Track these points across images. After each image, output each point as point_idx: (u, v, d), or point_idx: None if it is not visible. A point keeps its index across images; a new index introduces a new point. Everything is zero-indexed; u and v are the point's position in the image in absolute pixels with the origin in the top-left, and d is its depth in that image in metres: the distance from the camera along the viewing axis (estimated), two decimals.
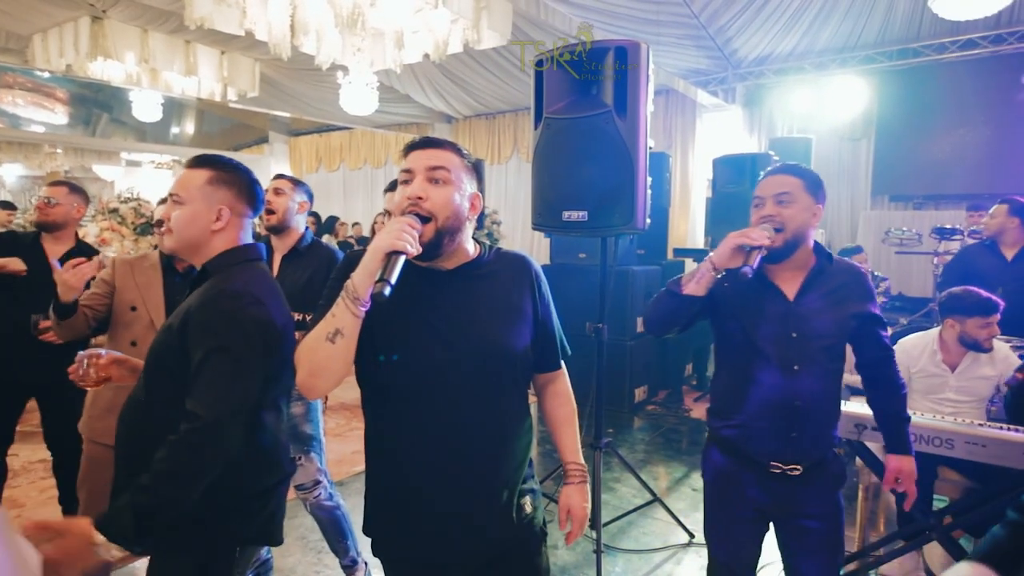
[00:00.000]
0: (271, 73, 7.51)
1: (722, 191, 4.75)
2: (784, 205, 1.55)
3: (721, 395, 1.70)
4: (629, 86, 2.21)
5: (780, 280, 1.60)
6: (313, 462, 2.25)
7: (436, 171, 1.16)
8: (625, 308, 4.58)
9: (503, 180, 9.14)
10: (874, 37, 6.06)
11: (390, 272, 1.04)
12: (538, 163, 2.42)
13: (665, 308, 1.63)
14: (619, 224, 2.25)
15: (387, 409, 1.22)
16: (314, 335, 1.11)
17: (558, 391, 1.45)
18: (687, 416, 4.80)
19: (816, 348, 1.55)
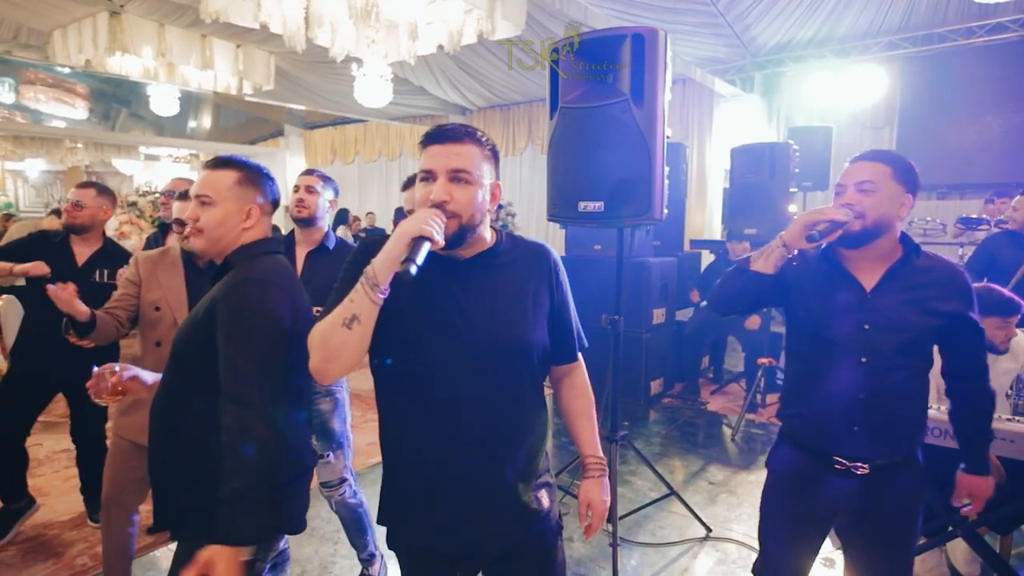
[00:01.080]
0: (286, 66, 7.53)
1: (740, 181, 4.67)
2: (866, 194, 1.47)
3: (789, 383, 1.67)
4: (647, 74, 2.17)
5: (858, 270, 1.53)
6: (340, 459, 2.26)
7: (458, 173, 1.14)
8: (641, 300, 4.54)
9: (518, 172, 9.11)
10: (898, 22, 5.91)
11: (416, 254, 1.03)
12: (553, 153, 2.39)
13: (732, 285, 1.59)
14: (636, 215, 2.22)
15: (402, 399, 1.21)
16: (330, 320, 1.11)
17: (575, 383, 1.43)
18: (704, 409, 4.76)
19: (889, 343, 1.47)
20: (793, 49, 6.55)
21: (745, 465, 3.73)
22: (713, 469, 3.66)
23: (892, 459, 1.50)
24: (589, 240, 4.72)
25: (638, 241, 4.58)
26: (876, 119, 6.67)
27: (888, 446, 1.50)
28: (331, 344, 1.10)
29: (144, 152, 12.32)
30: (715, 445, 4.09)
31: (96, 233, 2.66)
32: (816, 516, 1.58)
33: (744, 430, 4.29)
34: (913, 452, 1.54)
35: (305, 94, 8.72)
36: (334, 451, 2.24)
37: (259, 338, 1.24)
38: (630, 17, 5.58)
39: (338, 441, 2.25)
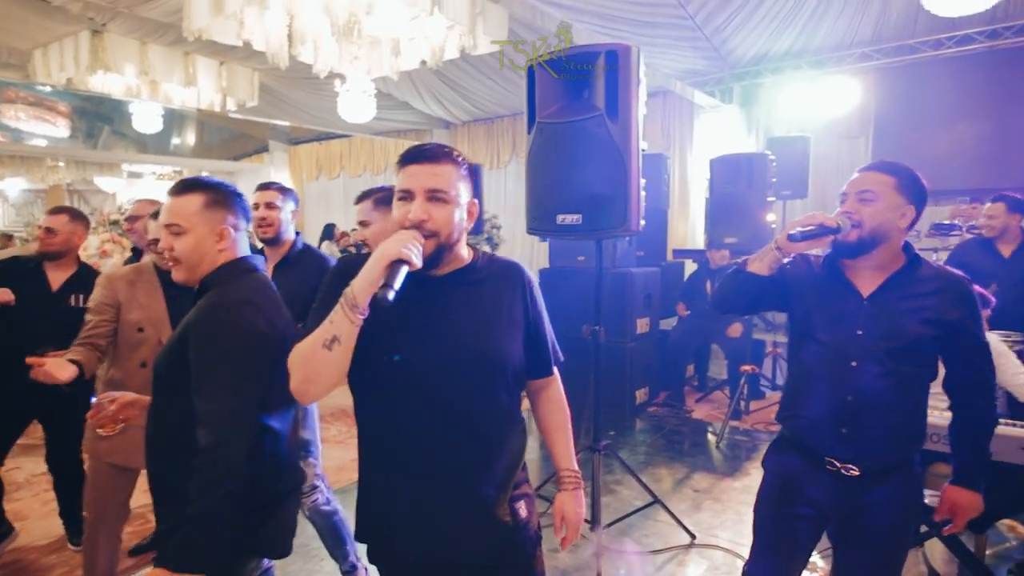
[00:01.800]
0: (270, 82, 7.55)
1: (719, 191, 4.76)
2: (865, 203, 1.50)
3: (788, 386, 1.71)
4: (620, 89, 2.23)
5: (858, 278, 1.57)
6: (311, 467, 2.27)
7: (436, 193, 1.17)
8: (625, 310, 4.58)
9: (502, 184, 9.16)
10: (870, 34, 6.06)
11: (393, 278, 1.06)
12: (532, 167, 2.44)
13: (731, 285, 1.64)
14: (613, 227, 2.26)
15: (378, 414, 1.23)
16: (309, 342, 1.12)
17: (551, 397, 1.46)
18: (689, 417, 4.80)
19: (882, 348, 1.49)
20: (770, 61, 6.68)
21: (730, 472, 3.77)
22: (698, 477, 3.69)
23: (883, 463, 1.52)
24: (572, 252, 4.78)
25: (621, 252, 4.64)
26: (852, 129, 6.79)
27: (876, 450, 1.52)
28: (311, 365, 1.11)
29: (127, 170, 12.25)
30: (700, 453, 4.13)
31: (70, 258, 2.64)
32: (808, 517, 1.60)
33: (729, 437, 4.33)
34: (907, 458, 1.55)
35: (289, 110, 8.74)
36: (303, 459, 2.25)
37: (229, 363, 1.23)
38: (610, 31, 5.68)
39: (307, 449, 2.26)
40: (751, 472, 3.74)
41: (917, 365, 1.52)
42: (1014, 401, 2.46)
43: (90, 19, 5.68)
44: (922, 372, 1.54)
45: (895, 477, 1.53)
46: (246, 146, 12.36)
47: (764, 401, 5.03)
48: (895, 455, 1.53)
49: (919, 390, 1.55)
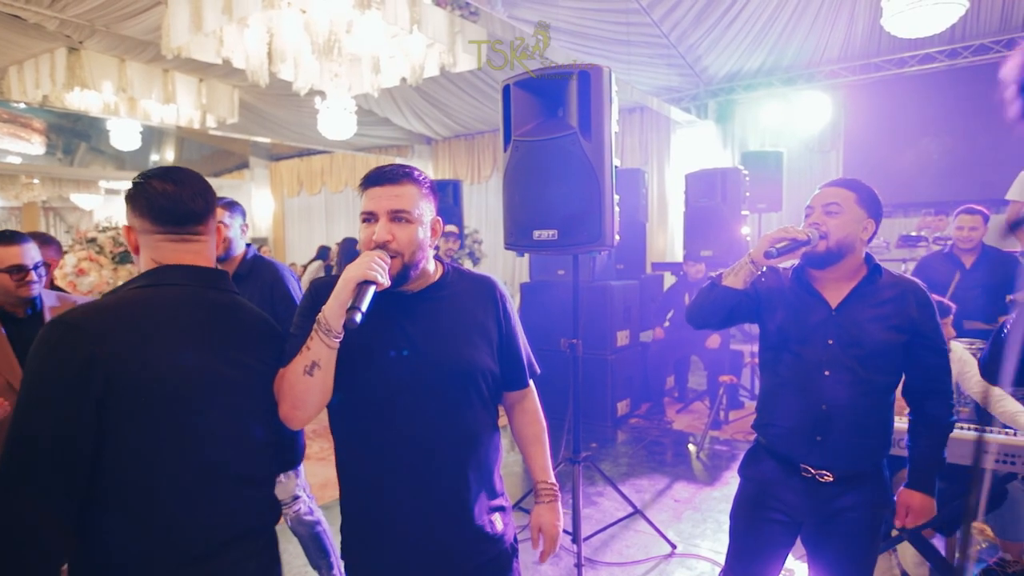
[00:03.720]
0: (250, 99, 7.56)
1: (694, 205, 4.85)
2: (831, 215, 1.57)
3: (762, 395, 1.76)
4: (593, 108, 2.29)
5: (825, 289, 1.63)
6: (291, 478, 2.27)
7: (399, 213, 1.20)
8: (604, 323, 4.63)
9: (484, 199, 9.22)
10: (837, 52, 6.26)
11: (361, 300, 1.08)
12: (508, 184, 2.48)
13: (706, 299, 1.68)
14: (588, 242, 2.31)
15: (354, 431, 1.25)
16: (292, 369, 1.15)
17: (526, 409, 1.48)
18: (669, 428, 4.84)
19: (852, 356, 1.55)
20: (743, 78, 6.85)
21: (710, 482, 3.81)
22: (679, 487, 3.73)
23: (855, 469, 1.58)
24: (552, 266, 4.83)
25: (600, 265, 4.70)
26: (824, 144, 6.97)
27: (849, 456, 1.57)
28: (296, 392, 1.14)
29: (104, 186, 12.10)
30: (681, 463, 4.17)
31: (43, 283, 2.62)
32: (783, 522, 1.65)
33: (709, 447, 4.38)
34: (877, 463, 1.61)
35: (270, 126, 8.74)
36: (284, 472, 2.25)
37: (21, 395, 0.98)
38: (586, 49, 5.80)
39: None
40: (731, 481, 3.78)
41: (886, 372, 1.58)
42: (981, 408, 2.53)
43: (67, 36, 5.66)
44: (890, 380, 1.60)
45: (866, 482, 1.59)
46: (226, 163, 12.30)
47: (743, 411, 5.10)
48: (866, 461, 1.59)
49: (887, 397, 1.61)
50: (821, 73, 6.49)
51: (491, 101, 7.41)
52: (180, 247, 1.13)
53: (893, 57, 6.19)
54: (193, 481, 1.04)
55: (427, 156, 9.79)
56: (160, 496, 1.01)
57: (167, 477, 1.01)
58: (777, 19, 5.70)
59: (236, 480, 1.10)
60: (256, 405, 1.15)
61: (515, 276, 8.50)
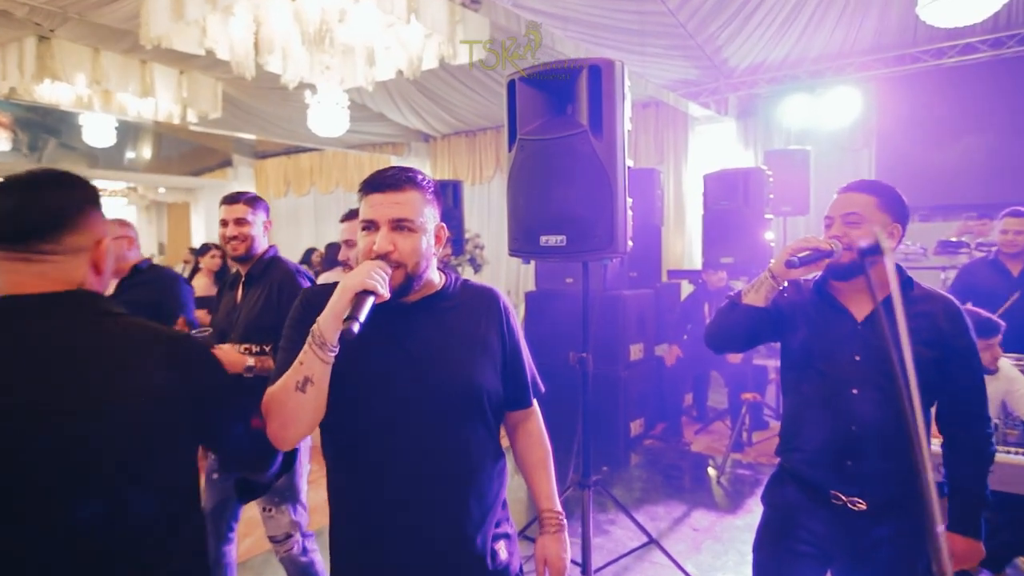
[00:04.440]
0: (234, 93, 7.62)
1: (714, 208, 4.88)
2: (852, 225, 1.58)
3: (785, 418, 1.76)
4: (604, 105, 2.31)
5: (850, 302, 1.64)
6: (285, 514, 2.28)
7: (401, 222, 1.22)
8: (617, 336, 4.64)
9: (485, 200, 9.26)
10: (869, 43, 6.28)
11: (358, 310, 1.09)
12: (513, 186, 2.51)
13: (726, 321, 1.69)
14: (599, 248, 2.33)
15: (348, 451, 1.27)
16: (281, 385, 1.16)
17: (530, 430, 1.49)
18: (687, 450, 4.84)
19: (881, 372, 1.56)
20: (767, 70, 6.89)
21: (732, 509, 3.81)
22: (697, 515, 3.73)
23: (890, 496, 1.57)
24: (560, 274, 4.85)
25: (612, 273, 4.72)
26: (854, 141, 6.98)
27: (884, 482, 1.57)
28: (286, 409, 1.16)
29: None
30: (700, 488, 4.17)
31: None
32: (812, 555, 1.64)
33: (730, 471, 4.38)
34: (913, 490, 1.59)
35: (255, 122, 8.81)
36: (277, 505, 2.26)
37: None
38: (597, 40, 5.84)
39: (282, 496, 2.27)
40: (754, 509, 3.78)
41: (918, 390, 1.58)
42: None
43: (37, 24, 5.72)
44: (922, 397, 1.60)
45: (902, 510, 1.58)
46: (208, 160, 12.40)
47: (767, 431, 5.09)
48: (902, 486, 1.58)
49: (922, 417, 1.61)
50: (852, 65, 6.52)
51: (494, 95, 7.46)
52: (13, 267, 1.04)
53: (930, 47, 6.21)
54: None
55: (424, 154, 9.85)
56: None
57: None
58: (804, 7, 5.73)
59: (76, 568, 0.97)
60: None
61: (519, 284, 8.53)
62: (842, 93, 6.59)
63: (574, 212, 2.35)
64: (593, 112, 2.31)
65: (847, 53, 6.45)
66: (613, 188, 2.30)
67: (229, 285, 2.41)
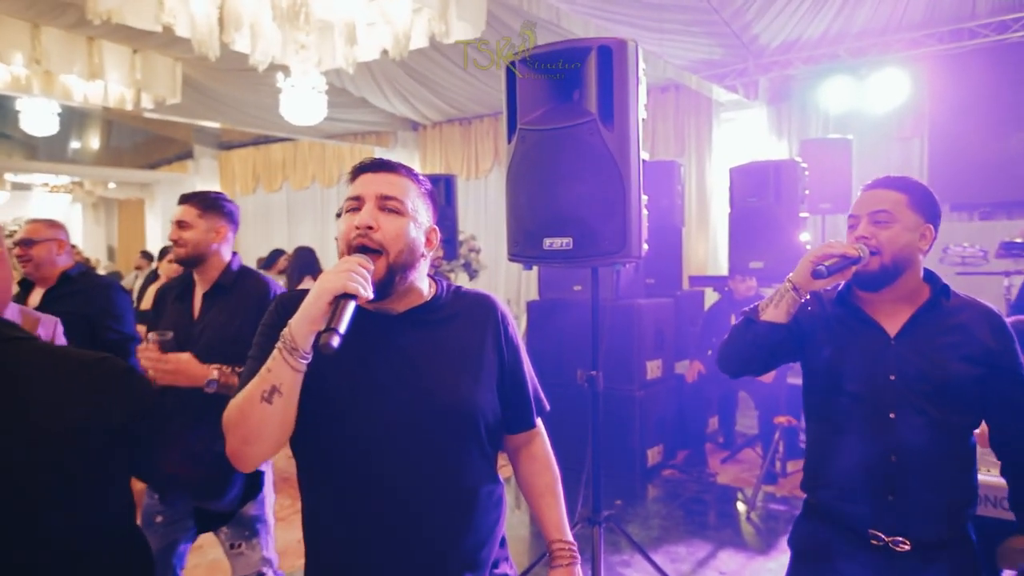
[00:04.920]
0: (196, 75, 7.68)
1: (741, 206, 4.92)
2: (881, 226, 1.60)
3: (812, 449, 1.77)
4: (616, 90, 2.35)
5: (880, 314, 1.66)
6: (256, 549, 2.31)
7: (388, 200, 1.26)
8: (631, 351, 4.68)
9: (482, 197, 9.33)
10: (921, 16, 6.32)
11: (339, 320, 1.09)
12: (513, 182, 2.55)
13: (742, 341, 1.69)
14: (610, 252, 2.37)
15: (326, 479, 1.29)
16: (245, 395, 1.17)
17: (535, 454, 1.52)
18: (713, 482, 4.86)
19: (920, 394, 1.57)
20: (802, 49, 6.95)
21: (763, 549, 3.83)
22: (725, 556, 3.75)
23: (936, 534, 1.58)
24: (567, 280, 4.89)
25: (626, 280, 4.76)
26: (903, 128, 7.03)
27: (931, 518, 1.58)
28: (250, 423, 1.17)
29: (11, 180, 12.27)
30: (727, 526, 4.19)
31: None
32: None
33: (762, 506, 4.40)
34: (963, 527, 1.62)
35: (220, 108, 8.87)
36: (247, 539, 2.29)
37: None
38: (608, 16, 5.90)
39: (252, 528, 2.30)
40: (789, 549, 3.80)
41: (962, 412, 1.61)
42: None
43: None
44: (967, 420, 1.63)
45: (951, 552, 1.60)
46: (165, 151, 12.50)
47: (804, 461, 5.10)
48: (950, 522, 1.60)
49: (966, 442, 1.64)
50: (900, 42, 6.57)
51: (492, 79, 7.52)
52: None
53: (991, 20, 6.24)
54: None
55: (413, 145, 9.92)
56: None
57: None
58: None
59: None
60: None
61: (521, 293, 8.58)
62: (888, 74, 6.63)
63: (582, 211, 2.38)
64: (603, 99, 2.35)
65: (894, 28, 6.50)
66: (626, 184, 2.34)
67: (177, 296, 2.40)
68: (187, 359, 2.05)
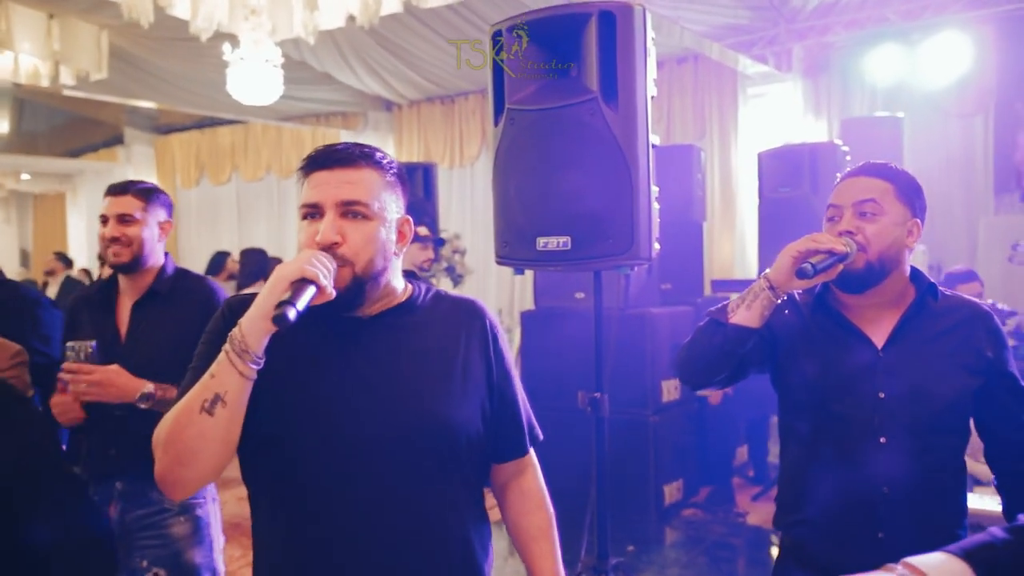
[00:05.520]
0: (126, 45, 7.66)
1: (771, 197, 4.95)
2: (867, 218, 1.64)
3: (786, 479, 1.80)
4: (620, 63, 2.37)
5: (864, 321, 1.70)
6: None
7: (352, 206, 1.27)
8: (644, 368, 4.70)
9: (468, 190, 9.33)
10: None
11: (296, 297, 1.12)
12: (501, 172, 2.55)
13: (706, 346, 1.70)
14: (614, 253, 2.37)
15: (281, 511, 1.30)
16: (183, 406, 1.18)
17: (525, 489, 1.53)
18: (742, 523, 4.88)
19: (914, 415, 1.61)
20: (843, 11, 6.98)
21: None
22: None
23: None
24: (568, 286, 4.91)
25: (638, 286, 4.78)
26: (963, 105, 7.04)
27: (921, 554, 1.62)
28: (184, 438, 1.17)
29: None
30: (759, 574, 4.21)
31: None
32: None
33: None
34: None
35: (155, 85, 8.86)
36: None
37: None
38: None
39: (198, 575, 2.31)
40: None
41: (956, 432, 1.67)
42: None
43: None
44: (960, 442, 1.69)
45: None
46: (91, 136, 12.45)
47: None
48: None
49: (959, 462, 1.69)
50: (959, 2, 6.60)
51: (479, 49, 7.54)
52: None
53: None
54: None
55: (386, 128, 9.92)
56: None
57: None
58: None
59: None
60: None
61: (514, 302, 8.57)
62: (946, 39, 6.63)
63: (581, 205, 2.39)
64: (605, 73, 2.36)
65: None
66: (633, 172, 2.35)
67: (97, 305, 2.37)
68: (116, 370, 2.05)
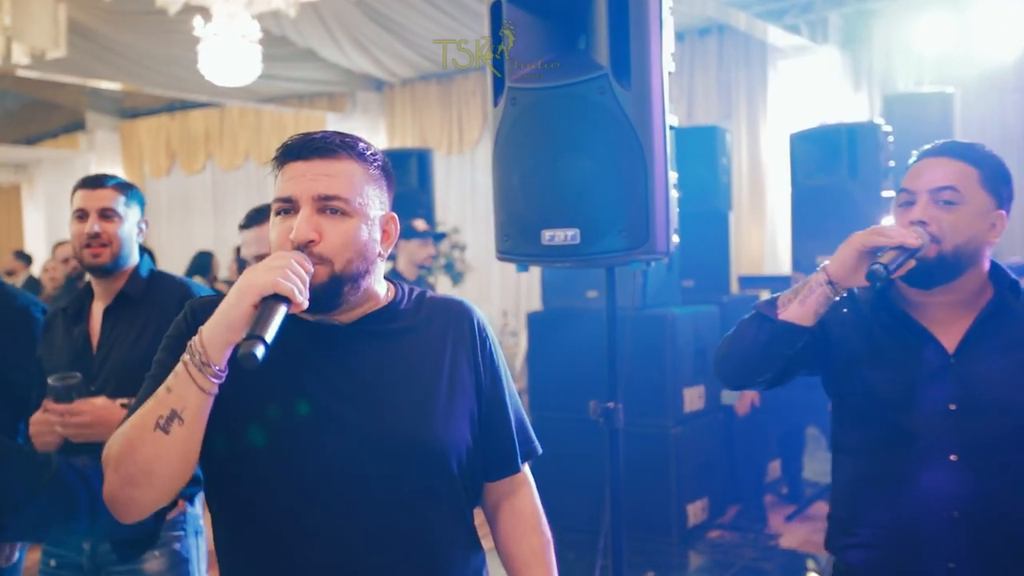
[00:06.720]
0: (86, 21, 7.67)
1: (805, 184, 4.94)
2: (946, 208, 1.60)
3: (840, 496, 1.79)
4: (633, 35, 2.36)
5: (933, 322, 1.66)
6: None
7: (330, 201, 1.26)
8: (664, 375, 4.69)
9: (468, 178, 9.34)
10: None
11: (265, 325, 1.09)
12: (501, 158, 2.55)
13: (750, 343, 1.67)
14: (628, 247, 2.37)
15: (247, 537, 1.31)
16: (136, 422, 1.18)
17: (519, 509, 1.52)
18: (775, 546, 4.88)
19: (989, 429, 1.59)
20: None
21: None
22: None
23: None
24: (578, 284, 4.90)
25: (656, 283, 4.77)
26: (1022, 78, 7.04)
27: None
28: (137, 459, 1.17)
29: None
30: None
31: None
32: None
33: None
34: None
35: (119, 64, 8.86)
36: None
37: None
38: None
39: None
40: None
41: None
42: None
43: None
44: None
45: None
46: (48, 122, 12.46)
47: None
48: None
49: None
50: None
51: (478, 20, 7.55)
52: None
53: None
54: None
55: (376, 110, 9.94)
56: None
57: None
58: None
59: None
60: None
61: (520, 302, 8.58)
62: (1001, 5, 6.64)
63: (591, 194, 2.39)
64: (617, 47, 2.36)
65: None
66: (648, 157, 2.35)
67: (70, 318, 2.37)
68: (103, 405, 2.05)
